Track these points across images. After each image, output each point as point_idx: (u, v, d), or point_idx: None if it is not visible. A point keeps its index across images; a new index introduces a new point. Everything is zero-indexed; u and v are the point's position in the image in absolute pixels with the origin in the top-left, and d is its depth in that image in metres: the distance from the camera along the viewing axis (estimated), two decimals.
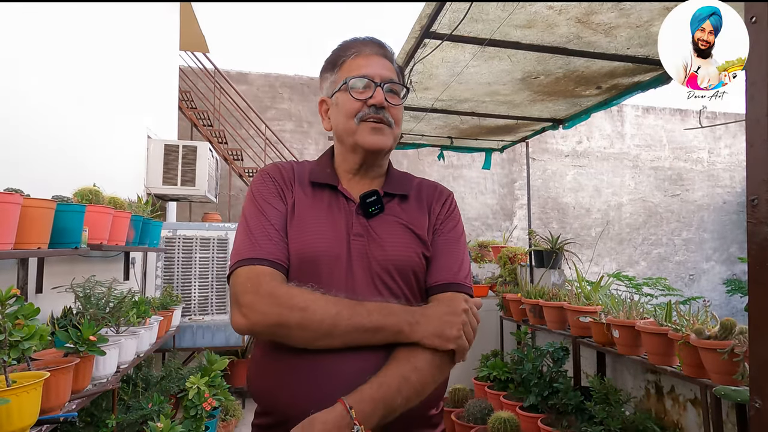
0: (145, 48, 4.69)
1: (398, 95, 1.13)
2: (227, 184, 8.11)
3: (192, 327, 4.19)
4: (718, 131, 11.05)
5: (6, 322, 1.39)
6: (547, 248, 4.11)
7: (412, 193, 1.16)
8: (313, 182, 1.12)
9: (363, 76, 1.09)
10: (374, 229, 1.07)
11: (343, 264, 1.02)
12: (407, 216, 1.11)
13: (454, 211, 1.18)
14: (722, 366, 1.96)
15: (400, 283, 1.03)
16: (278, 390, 0.99)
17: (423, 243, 1.08)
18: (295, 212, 1.08)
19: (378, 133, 1.08)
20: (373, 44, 1.13)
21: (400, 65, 1.19)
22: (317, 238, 1.04)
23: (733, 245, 10.95)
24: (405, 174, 1.22)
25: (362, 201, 1.09)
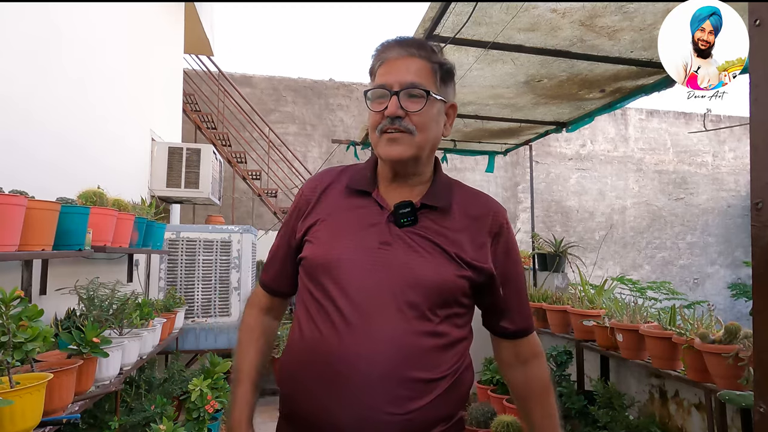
0: (149, 51, 4.71)
1: (422, 98, 1.06)
2: (231, 186, 8.13)
3: (195, 329, 4.19)
4: (722, 134, 11.01)
5: (10, 323, 1.40)
6: (550, 252, 4.10)
7: (456, 207, 1.11)
8: (350, 188, 1.13)
9: (379, 86, 1.07)
10: (404, 241, 1.05)
11: (366, 272, 1.02)
12: (444, 232, 1.07)
13: (513, 241, 1.17)
14: (727, 370, 1.95)
15: (420, 300, 1.01)
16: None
17: (458, 263, 1.04)
18: (326, 217, 1.11)
19: (394, 143, 1.06)
20: (398, 46, 1.09)
21: (442, 63, 1.12)
22: (342, 244, 1.06)
23: (737, 249, 10.90)
24: (452, 184, 1.17)
25: (395, 211, 1.07)
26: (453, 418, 1.06)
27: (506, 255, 1.13)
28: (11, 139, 2.33)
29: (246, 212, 8.63)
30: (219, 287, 4.38)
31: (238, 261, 4.43)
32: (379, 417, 0.95)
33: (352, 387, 0.96)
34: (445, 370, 1.02)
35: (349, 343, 0.98)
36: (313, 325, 1.04)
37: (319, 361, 1.01)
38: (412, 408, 0.97)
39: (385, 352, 0.97)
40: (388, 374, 0.96)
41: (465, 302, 1.07)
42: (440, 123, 1.13)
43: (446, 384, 1.01)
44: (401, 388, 0.96)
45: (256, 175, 7.79)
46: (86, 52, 3.20)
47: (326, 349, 1.00)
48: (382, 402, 0.95)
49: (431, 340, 1.00)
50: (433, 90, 1.08)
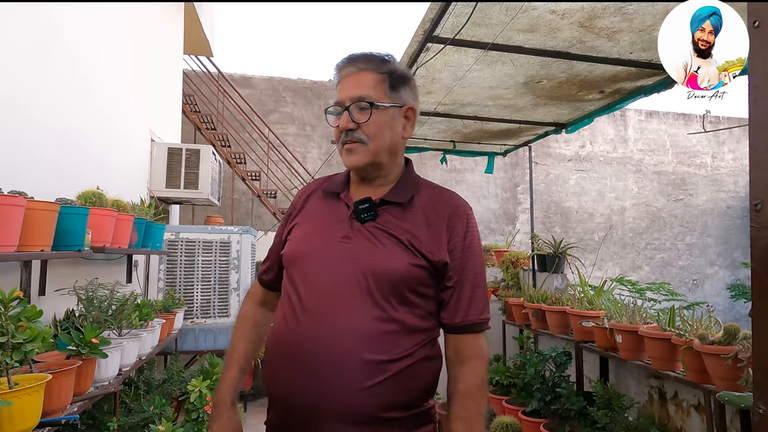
0: (149, 51, 4.71)
1: (370, 108, 1.15)
2: (230, 187, 8.13)
3: (194, 330, 4.19)
4: (721, 136, 11.02)
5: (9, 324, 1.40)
6: (549, 252, 4.10)
7: (419, 203, 1.19)
8: (325, 192, 1.27)
9: (335, 104, 1.19)
10: (364, 234, 1.15)
11: (327, 264, 1.13)
12: (402, 225, 1.15)
13: (473, 236, 1.21)
14: (726, 371, 1.95)
15: (374, 287, 1.09)
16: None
17: (413, 253, 1.12)
18: (304, 219, 1.25)
19: (351, 153, 1.18)
20: (349, 64, 1.20)
21: (392, 69, 1.20)
22: (307, 241, 1.20)
23: (737, 250, 10.90)
24: (419, 183, 1.25)
25: (355, 207, 1.18)
26: (413, 408, 1.11)
27: (463, 249, 1.18)
28: (13, 139, 2.33)
29: (245, 213, 8.62)
30: (218, 288, 4.38)
31: (238, 262, 4.43)
32: (335, 396, 1.05)
33: (311, 369, 1.06)
34: (398, 354, 1.08)
35: (307, 328, 1.10)
36: (282, 314, 1.17)
37: (284, 348, 1.13)
38: (365, 387, 1.04)
39: (339, 335, 1.07)
40: (343, 356, 1.05)
41: (423, 291, 1.14)
42: (396, 127, 1.20)
43: (398, 367, 1.07)
44: (355, 370, 1.05)
45: (256, 176, 7.79)
46: (87, 53, 3.20)
47: (289, 335, 1.13)
48: (337, 382, 1.05)
49: (384, 325, 1.08)
50: (383, 99, 1.17)
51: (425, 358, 1.13)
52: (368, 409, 1.05)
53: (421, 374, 1.12)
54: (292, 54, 31.13)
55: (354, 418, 1.05)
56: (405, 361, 1.08)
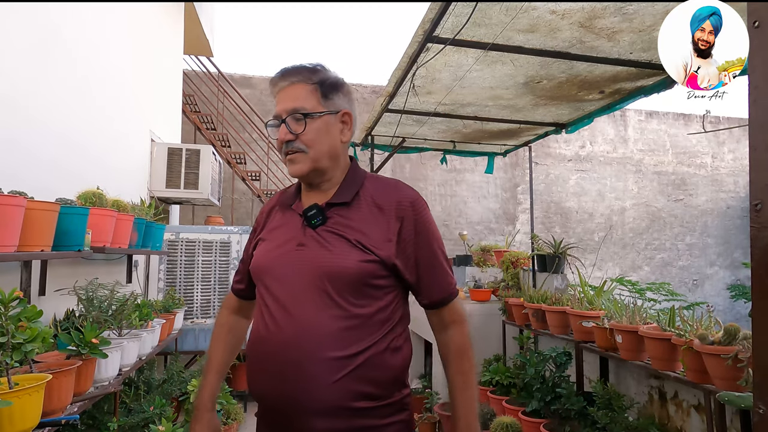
0: (149, 52, 4.71)
1: (304, 119, 1.21)
2: (230, 187, 8.13)
3: (194, 330, 4.19)
4: (721, 136, 11.02)
5: (9, 324, 1.40)
6: (549, 253, 4.10)
7: (363, 200, 1.26)
8: (281, 205, 1.36)
9: (273, 117, 1.26)
10: (316, 239, 1.22)
11: (285, 272, 1.21)
12: (350, 224, 1.22)
13: (424, 221, 1.26)
14: (726, 371, 1.95)
15: (329, 287, 1.17)
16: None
17: (362, 250, 1.18)
18: (266, 234, 1.33)
19: (293, 163, 1.25)
20: (281, 78, 1.26)
21: (323, 78, 1.25)
22: (269, 254, 1.27)
23: (737, 250, 10.91)
24: (363, 178, 1.31)
25: (304, 215, 1.25)
26: (384, 398, 1.18)
27: (416, 235, 1.24)
28: (13, 139, 2.33)
29: (245, 213, 8.62)
30: (218, 288, 4.38)
31: (238, 262, 4.43)
32: (307, 393, 1.13)
33: (284, 371, 1.16)
34: (361, 347, 1.15)
35: (276, 334, 1.18)
36: (256, 323, 1.27)
37: (260, 353, 1.22)
38: (332, 381, 1.13)
39: (304, 337, 1.15)
40: (309, 356, 1.14)
41: (378, 284, 1.20)
42: (333, 133, 1.26)
43: (362, 359, 1.15)
44: (321, 367, 1.13)
45: (256, 176, 7.79)
46: (87, 53, 3.20)
47: (262, 342, 1.22)
48: (308, 380, 1.13)
49: (344, 322, 1.16)
50: (317, 108, 1.23)
51: (388, 348, 1.20)
52: (339, 401, 1.13)
53: (386, 364, 1.19)
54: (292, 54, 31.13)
55: (327, 410, 1.13)
56: (367, 352, 1.16)
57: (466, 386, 1.27)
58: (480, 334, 4.24)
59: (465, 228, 9.57)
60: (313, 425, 1.14)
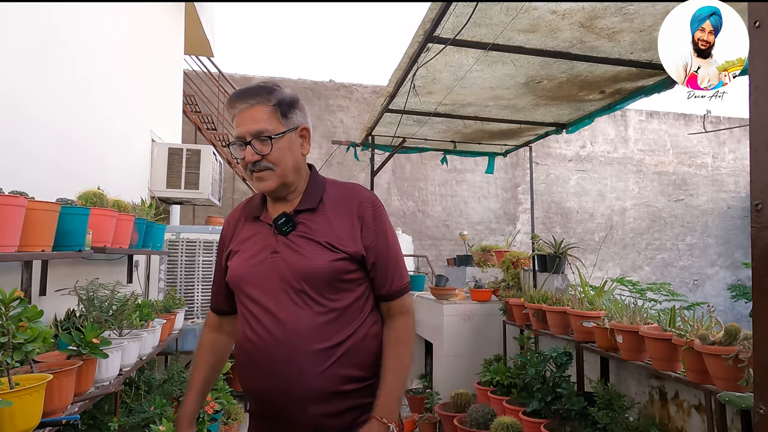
0: (150, 52, 4.71)
1: (269, 139, 1.28)
2: (231, 187, 8.13)
3: (195, 330, 4.19)
4: (722, 136, 11.02)
5: (10, 324, 1.40)
6: (550, 253, 4.09)
7: (327, 203, 1.36)
8: (247, 217, 1.42)
9: (236, 139, 1.31)
10: (288, 245, 1.31)
11: (263, 279, 1.30)
12: (318, 227, 1.32)
13: (381, 219, 1.37)
14: (727, 372, 1.95)
15: (306, 288, 1.27)
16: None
17: (331, 250, 1.29)
18: (237, 246, 1.40)
19: (261, 180, 1.32)
20: (240, 100, 1.30)
21: (280, 99, 1.31)
22: (246, 264, 1.34)
23: (737, 250, 10.90)
24: (324, 184, 1.41)
25: (275, 223, 1.33)
26: (367, 379, 1.31)
27: (376, 233, 1.35)
28: (14, 139, 2.33)
29: None
30: None
31: None
32: (299, 383, 1.23)
33: (275, 367, 1.25)
34: (343, 336, 1.27)
35: (265, 339, 1.27)
36: (242, 329, 1.35)
37: (250, 354, 1.31)
38: (321, 371, 1.24)
39: (291, 335, 1.25)
40: (297, 351, 1.24)
41: (350, 278, 1.31)
42: (294, 149, 1.35)
43: (345, 347, 1.27)
44: (310, 359, 1.24)
45: None
46: (87, 53, 3.20)
47: (251, 345, 1.30)
48: (298, 372, 1.24)
49: (324, 317, 1.27)
50: (278, 129, 1.30)
51: (367, 335, 1.33)
52: (329, 387, 1.24)
53: (366, 349, 1.32)
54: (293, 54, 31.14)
55: (320, 397, 1.24)
56: (349, 341, 1.28)
57: (397, 369, 1.34)
58: (480, 335, 4.24)
59: (465, 228, 9.57)
60: (308, 412, 1.24)
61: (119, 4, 3.76)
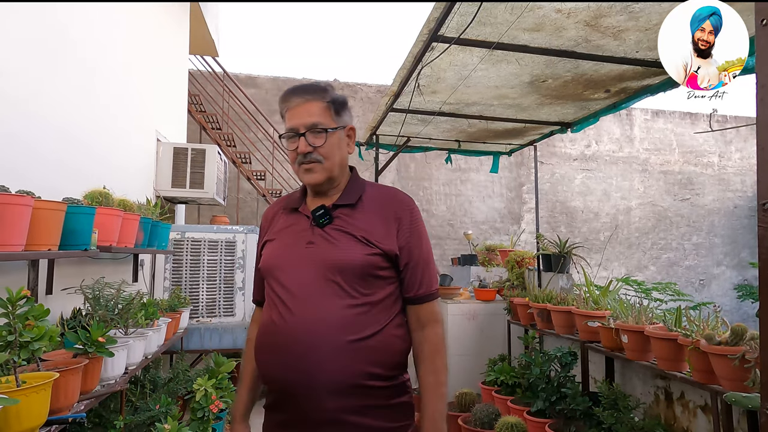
0: (155, 51, 4.73)
1: (324, 132, 1.35)
2: (235, 186, 8.15)
3: (200, 329, 4.20)
4: (728, 135, 10.95)
5: (17, 322, 1.41)
6: (555, 252, 4.08)
7: (366, 202, 1.40)
8: (286, 209, 1.47)
9: (289, 129, 1.36)
10: (324, 237, 1.34)
11: (298, 269, 1.33)
12: (356, 222, 1.36)
13: (417, 223, 1.42)
14: (733, 372, 1.94)
15: (339, 279, 1.29)
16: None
17: (367, 245, 1.32)
18: (273, 235, 1.44)
19: (310, 172, 1.37)
20: (297, 95, 1.37)
21: (334, 97, 1.39)
22: (280, 252, 1.39)
23: (744, 250, 10.83)
24: (364, 184, 1.46)
25: (313, 215, 1.37)
26: (390, 378, 1.31)
27: (411, 235, 1.39)
28: (20, 137, 2.35)
29: (250, 212, 8.65)
30: (224, 287, 4.39)
31: (243, 261, 4.44)
32: (324, 374, 1.24)
33: (302, 355, 1.26)
34: (371, 331, 1.28)
35: (293, 323, 1.28)
36: (269, 315, 1.36)
37: (276, 340, 1.31)
38: (346, 363, 1.24)
39: (321, 325, 1.26)
40: (326, 341, 1.25)
41: (382, 274, 1.33)
42: (343, 146, 1.42)
43: (372, 342, 1.28)
44: (337, 350, 1.25)
45: (261, 176, 7.81)
46: (93, 53, 3.22)
47: (278, 331, 1.31)
48: (324, 362, 1.24)
49: (355, 309, 1.28)
50: (331, 124, 1.37)
51: (393, 334, 1.33)
52: (350, 380, 1.25)
53: (392, 347, 1.32)
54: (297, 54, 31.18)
55: (339, 388, 1.24)
56: (377, 336, 1.29)
57: (438, 385, 1.35)
58: (485, 334, 4.23)
59: (470, 227, 9.56)
60: (325, 405, 1.24)
61: (125, 4, 3.77)
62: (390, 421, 1.30)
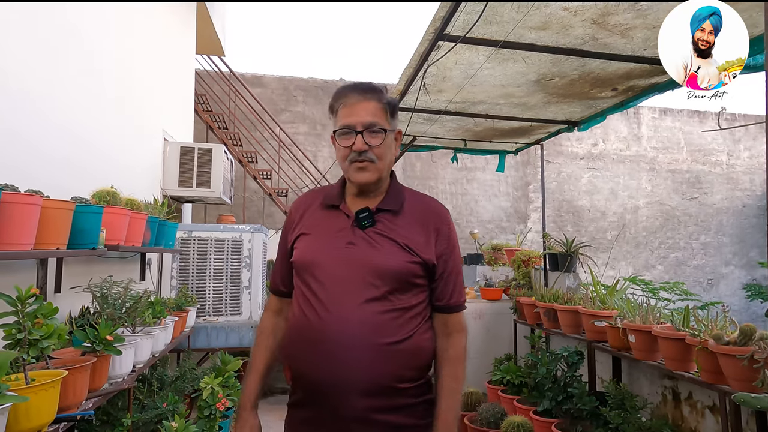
0: (162, 51, 4.75)
1: (381, 133, 1.36)
2: (242, 186, 8.18)
3: (206, 328, 4.22)
4: (737, 133, 10.86)
5: (26, 320, 1.42)
6: (561, 251, 4.07)
7: (407, 209, 1.42)
8: (324, 203, 1.45)
9: (346, 126, 1.36)
10: (365, 239, 1.35)
11: (336, 266, 1.33)
12: (398, 229, 1.37)
13: (453, 235, 1.46)
14: (741, 372, 1.92)
15: (378, 282, 1.31)
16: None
17: (408, 252, 1.34)
18: (307, 229, 1.43)
19: (362, 171, 1.37)
20: (356, 92, 1.38)
21: (389, 100, 1.41)
22: (317, 247, 1.38)
23: (753, 249, 10.73)
24: (403, 190, 1.47)
25: (356, 216, 1.38)
26: (417, 379, 1.34)
27: (447, 247, 1.42)
28: (29, 137, 2.37)
29: (257, 212, 8.67)
30: (230, 286, 4.41)
31: (249, 260, 4.46)
32: (354, 374, 1.26)
33: (334, 354, 1.27)
34: (402, 335, 1.31)
35: (327, 321, 1.30)
36: (301, 310, 1.37)
37: (306, 336, 1.33)
38: (377, 365, 1.27)
39: (355, 325, 1.28)
40: (358, 342, 1.27)
41: (418, 282, 1.36)
42: (392, 149, 1.45)
43: (403, 347, 1.30)
44: (369, 352, 1.27)
45: (267, 175, 7.83)
46: (100, 52, 3.24)
47: (311, 327, 1.32)
48: (355, 363, 1.26)
49: (389, 314, 1.30)
50: (386, 126, 1.38)
51: (424, 338, 1.36)
52: (382, 381, 1.27)
53: (422, 350, 1.35)
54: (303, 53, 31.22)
55: (370, 389, 1.26)
56: (409, 341, 1.31)
57: (456, 391, 1.40)
58: (491, 333, 4.22)
59: (476, 227, 9.54)
60: (354, 404, 1.26)
61: (132, 4, 3.79)
62: (418, 418, 1.33)
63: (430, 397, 1.38)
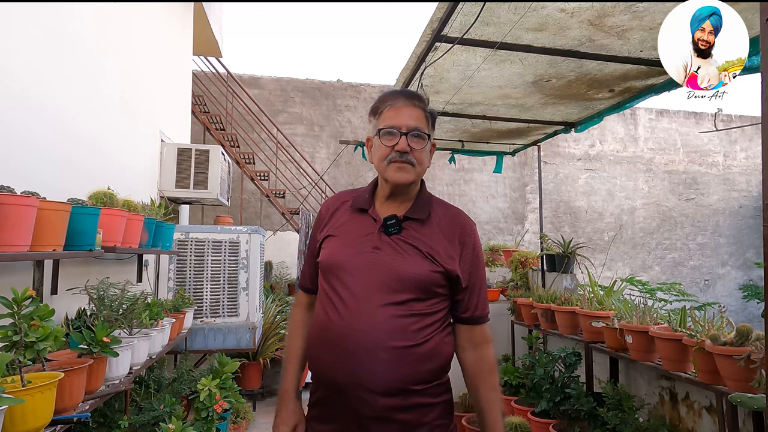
0: (159, 52, 4.75)
1: (423, 139, 1.41)
2: (239, 187, 8.17)
3: (204, 329, 4.21)
4: (733, 134, 10.90)
5: (22, 322, 1.41)
6: (559, 252, 4.08)
7: (434, 219, 1.45)
8: (353, 206, 1.50)
9: (391, 127, 1.40)
10: (391, 246, 1.39)
11: (361, 271, 1.37)
12: (423, 238, 1.40)
13: (479, 248, 1.49)
14: (738, 373, 1.93)
15: (401, 288, 1.34)
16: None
17: (432, 261, 1.37)
18: (335, 231, 1.48)
19: (402, 171, 1.40)
20: (404, 97, 1.44)
21: (431, 111, 1.47)
22: (344, 250, 1.42)
23: (749, 250, 10.78)
24: (431, 199, 1.51)
25: (384, 223, 1.41)
26: (434, 380, 1.37)
27: (471, 259, 1.45)
28: (25, 138, 2.36)
29: (254, 213, 8.67)
30: (227, 287, 4.40)
31: (247, 261, 4.45)
32: (372, 374, 1.30)
33: (353, 354, 1.31)
34: (420, 340, 1.33)
35: (348, 322, 1.34)
36: (323, 310, 1.41)
37: (328, 337, 1.37)
38: (394, 367, 1.30)
39: (374, 328, 1.31)
40: (376, 345, 1.30)
41: (439, 291, 1.39)
42: (428, 158, 1.48)
43: (420, 350, 1.33)
44: (386, 354, 1.30)
45: (264, 176, 7.82)
46: (98, 53, 3.23)
47: (333, 327, 1.36)
48: (373, 364, 1.30)
49: (407, 319, 1.33)
50: (428, 133, 1.43)
51: (441, 342, 1.39)
52: (398, 383, 1.30)
53: (438, 354, 1.37)
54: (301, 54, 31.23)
55: (388, 390, 1.30)
56: (425, 345, 1.34)
57: (497, 402, 1.46)
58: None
59: None
60: (374, 404, 1.30)
61: (129, 5, 3.79)
62: (437, 417, 1.37)
63: (448, 398, 1.42)
